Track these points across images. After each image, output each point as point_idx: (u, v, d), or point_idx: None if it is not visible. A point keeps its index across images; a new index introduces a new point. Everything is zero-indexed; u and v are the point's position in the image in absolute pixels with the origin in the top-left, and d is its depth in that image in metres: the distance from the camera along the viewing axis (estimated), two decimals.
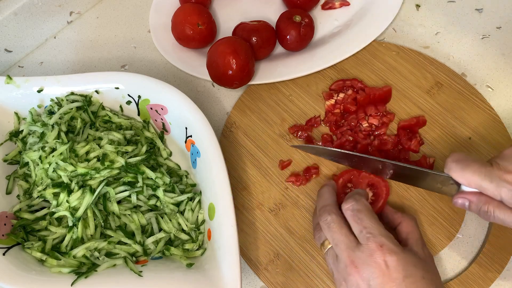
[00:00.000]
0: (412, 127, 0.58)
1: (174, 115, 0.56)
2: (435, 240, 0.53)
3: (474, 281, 0.51)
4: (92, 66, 0.70)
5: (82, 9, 0.74)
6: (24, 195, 0.54)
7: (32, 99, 0.57)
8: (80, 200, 0.50)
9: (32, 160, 0.53)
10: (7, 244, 0.49)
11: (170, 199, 0.53)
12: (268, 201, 0.57)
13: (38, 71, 0.70)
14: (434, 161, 0.56)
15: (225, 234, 0.47)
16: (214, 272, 0.47)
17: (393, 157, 0.57)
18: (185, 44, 0.67)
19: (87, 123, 0.57)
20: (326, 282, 0.52)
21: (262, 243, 0.55)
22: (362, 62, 0.64)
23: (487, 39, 0.66)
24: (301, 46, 0.65)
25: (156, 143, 0.59)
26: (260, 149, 0.60)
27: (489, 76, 0.63)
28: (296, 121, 0.61)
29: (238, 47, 0.59)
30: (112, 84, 0.57)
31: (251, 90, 0.64)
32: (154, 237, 0.52)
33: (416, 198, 0.55)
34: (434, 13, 0.68)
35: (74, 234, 0.50)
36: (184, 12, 0.64)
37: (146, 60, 0.70)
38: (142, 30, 0.72)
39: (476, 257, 0.52)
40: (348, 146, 0.58)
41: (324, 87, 0.63)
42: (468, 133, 0.58)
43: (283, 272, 0.53)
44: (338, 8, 0.69)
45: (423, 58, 0.63)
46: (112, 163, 0.52)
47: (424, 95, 0.61)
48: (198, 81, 0.67)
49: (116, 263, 0.49)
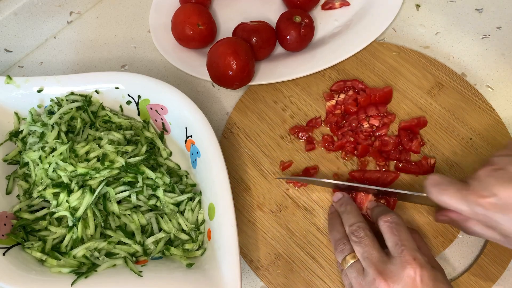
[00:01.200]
0: (413, 128, 0.58)
1: (174, 115, 0.56)
2: (436, 241, 0.53)
3: (475, 282, 0.50)
4: (92, 66, 0.70)
5: (82, 9, 0.74)
6: (24, 195, 0.54)
7: (32, 99, 0.57)
8: (80, 200, 0.50)
9: (32, 160, 0.53)
10: (7, 244, 0.49)
11: (170, 199, 0.53)
12: (269, 202, 0.57)
13: (38, 71, 0.70)
14: (435, 162, 0.56)
15: (225, 234, 0.47)
16: (214, 272, 0.47)
17: (394, 158, 0.57)
18: (185, 44, 0.67)
19: (87, 123, 0.56)
20: (327, 283, 0.52)
21: (263, 244, 0.55)
22: (363, 62, 0.64)
23: (487, 39, 0.66)
24: (301, 46, 0.65)
25: (156, 143, 0.59)
26: (261, 150, 0.60)
27: (489, 76, 0.63)
28: (296, 122, 0.61)
29: (238, 48, 0.59)
30: (112, 84, 0.57)
31: (252, 90, 0.64)
32: (154, 237, 0.52)
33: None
34: (434, 13, 0.68)
35: (74, 234, 0.50)
36: (184, 12, 0.64)
37: (146, 60, 0.70)
38: (142, 30, 0.72)
39: (477, 257, 0.52)
40: (349, 147, 0.58)
41: (324, 88, 0.63)
42: (468, 133, 0.58)
43: (284, 273, 0.53)
44: (338, 8, 0.69)
45: (424, 58, 0.63)
46: (112, 163, 0.52)
47: (425, 96, 0.61)
48: (198, 81, 0.67)
49: (116, 263, 0.49)
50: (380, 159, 0.57)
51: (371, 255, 0.45)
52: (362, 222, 0.49)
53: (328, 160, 0.58)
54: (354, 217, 0.50)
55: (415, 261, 0.43)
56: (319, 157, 0.58)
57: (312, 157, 0.59)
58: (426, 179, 0.47)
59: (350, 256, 0.47)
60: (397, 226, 0.46)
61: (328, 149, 0.59)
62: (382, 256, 0.45)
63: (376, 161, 0.57)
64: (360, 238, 0.47)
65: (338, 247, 0.49)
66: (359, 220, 0.49)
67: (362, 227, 0.48)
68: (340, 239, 0.49)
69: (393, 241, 0.45)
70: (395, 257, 0.44)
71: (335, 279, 0.52)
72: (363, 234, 0.47)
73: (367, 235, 0.47)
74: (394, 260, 0.44)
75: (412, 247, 0.44)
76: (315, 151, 0.59)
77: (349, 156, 0.58)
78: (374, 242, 0.46)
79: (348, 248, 0.48)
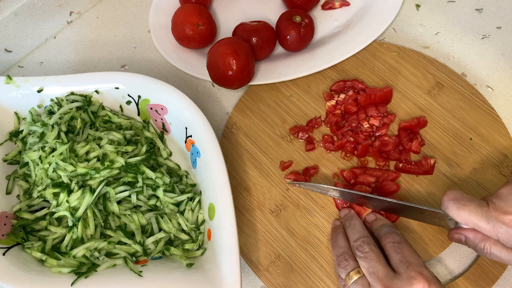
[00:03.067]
0: (413, 128, 0.58)
1: (174, 115, 0.56)
2: (436, 241, 0.53)
3: (476, 282, 0.50)
4: (92, 66, 0.70)
5: (82, 9, 0.74)
6: (24, 195, 0.54)
7: (32, 99, 0.57)
8: (80, 200, 0.50)
9: (32, 160, 0.53)
10: (7, 244, 0.49)
11: (170, 199, 0.53)
12: (269, 202, 0.57)
13: (38, 71, 0.70)
14: (435, 162, 0.56)
15: (225, 234, 0.47)
16: (214, 272, 0.47)
17: (394, 158, 0.57)
18: (185, 45, 0.67)
19: (87, 123, 0.56)
20: (327, 283, 0.52)
21: (263, 244, 0.55)
22: (363, 62, 0.64)
23: (487, 39, 0.66)
24: (301, 46, 0.65)
25: (156, 143, 0.59)
26: (261, 150, 0.60)
27: (489, 76, 0.63)
28: (296, 122, 0.61)
29: (238, 48, 0.59)
30: (112, 84, 0.57)
31: (252, 90, 0.64)
32: (154, 237, 0.52)
33: (416, 199, 0.55)
34: (434, 13, 0.68)
35: (74, 234, 0.50)
36: (184, 13, 0.64)
37: (146, 60, 0.70)
38: (142, 30, 0.72)
39: (477, 257, 0.52)
40: (349, 147, 0.58)
41: (324, 88, 0.63)
42: (469, 133, 0.58)
43: (284, 273, 0.53)
44: (338, 8, 0.69)
45: (424, 58, 0.63)
46: (112, 163, 0.52)
47: (425, 96, 0.61)
48: (198, 81, 0.67)
49: (116, 263, 0.49)
50: (380, 159, 0.57)
51: (378, 270, 0.45)
52: (367, 237, 0.48)
53: (328, 160, 0.58)
54: (358, 232, 0.49)
55: (421, 276, 0.43)
56: (319, 157, 0.58)
57: (312, 157, 0.59)
58: (444, 194, 0.46)
59: (354, 272, 0.47)
60: (400, 244, 0.46)
61: (328, 149, 0.59)
62: (389, 272, 0.44)
63: (376, 161, 0.57)
64: (366, 253, 0.46)
65: (341, 263, 0.48)
66: (364, 235, 0.49)
67: (367, 242, 0.47)
68: (342, 254, 0.49)
69: (397, 259, 0.45)
70: (402, 273, 0.44)
71: (335, 279, 0.52)
72: (368, 249, 0.47)
73: (373, 250, 0.46)
74: (400, 276, 0.43)
75: (417, 262, 0.44)
76: (315, 151, 0.59)
77: (349, 156, 0.58)
78: (379, 257, 0.46)
79: (352, 264, 0.47)
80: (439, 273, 0.52)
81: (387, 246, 0.47)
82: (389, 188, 0.55)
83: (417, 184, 0.56)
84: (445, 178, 0.56)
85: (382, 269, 0.45)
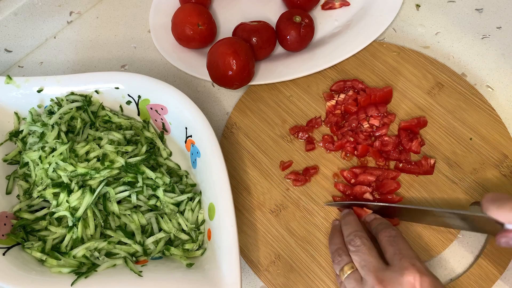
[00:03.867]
0: (413, 128, 0.58)
1: (174, 115, 0.56)
2: (436, 241, 0.53)
3: (476, 282, 0.50)
4: (92, 66, 0.70)
5: (82, 9, 0.74)
6: (24, 195, 0.54)
7: (32, 99, 0.57)
8: (80, 200, 0.50)
9: (32, 160, 0.53)
10: (7, 244, 0.49)
11: (170, 199, 0.53)
12: (269, 202, 0.57)
13: (38, 71, 0.70)
14: (435, 162, 0.56)
15: (225, 234, 0.47)
16: (214, 272, 0.47)
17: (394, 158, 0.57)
18: (185, 45, 0.67)
19: (87, 123, 0.56)
20: (327, 283, 0.52)
21: (263, 244, 0.55)
22: (363, 62, 0.64)
23: (487, 39, 0.66)
24: (301, 46, 0.65)
25: (156, 143, 0.59)
26: (261, 150, 0.60)
27: (489, 76, 0.63)
28: (296, 122, 0.61)
29: (238, 48, 0.58)
30: (112, 84, 0.57)
31: (252, 90, 0.64)
32: (154, 237, 0.52)
33: (417, 200, 0.55)
34: (434, 13, 0.68)
35: (74, 234, 0.50)
36: (184, 13, 0.64)
37: (146, 60, 0.70)
38: (142, 30, 0.72)
39: (477, 257, 0.52)
40: (349, 147, 0.58)
41: (324, 88, 0.63)
42: (468, 133, 0.58)
43: (284, 273, 0.53)
44: (338, 8, 0.69)
45: (424, 58, 0.63)
46: (112, 163, 0.52)
47: (425, 96, 0.61)
48: (198, 81, 0.67)
49: (116, 263, 0.49)
50: (380, 159, 0.57)
51: (369, 263, 0.45)
52: (359, 231, 0.48)
53: (328, 160, 0.58)
54: (352, 227, 0.50)
55: (414, 267, 0.43)
56: (319, 157, 0.58)
57: (312, 157, 0.59)
58: (483, 198, 0.46)
59: (347, 266, 0.47)
60: (395, 238, 0.47)
61: (328, 149, 0.59)
62: (381, 264, 0.45)
63: (376, 161, 0.57)
64: (357, 247, 0.47)
65: (335, 259, 0.49)
66: (357, 229, 0.49)
67: (359, 235, 0.48)
68: (336, 250, 0.49)
69: (391, 251, 0.45)
70: (394, 265, 0.44)
71: (335, 279, 0.52)
72: (359, 242, 0.47)
73: (364, 243, 0.47)
74: (392, 267, 0.44)
75: (410, 255, 0.44)
76: (315, 151, 0.59)
77: (349, 156, 0.58)
78: (371, 250, 0.46)
79: (345, 259, 0.48)
80: (439, 273, 0.52)
81: (383, 241, 0.47)
82: (389, 187, 0.55)
83: (417, 184, 0.56)
84: (445, 178, 0.56)
85: (374, 261, 0.45)
